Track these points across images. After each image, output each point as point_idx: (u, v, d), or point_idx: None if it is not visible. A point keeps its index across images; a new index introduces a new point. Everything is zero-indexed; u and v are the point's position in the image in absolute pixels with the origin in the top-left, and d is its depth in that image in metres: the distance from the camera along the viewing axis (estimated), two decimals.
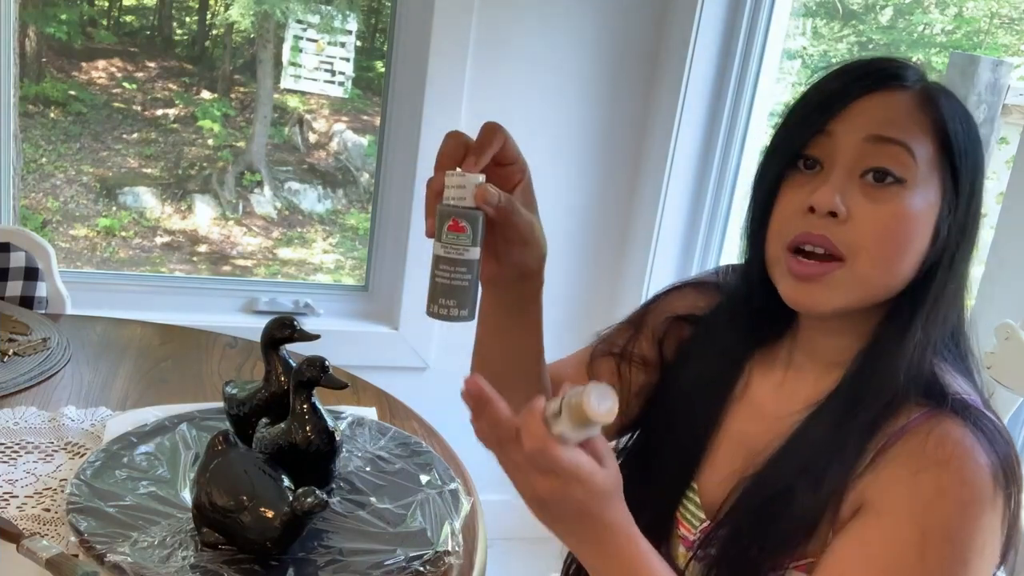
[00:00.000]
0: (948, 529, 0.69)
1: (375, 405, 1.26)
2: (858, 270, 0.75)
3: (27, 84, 2.62)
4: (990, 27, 2.04)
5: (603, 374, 0.97)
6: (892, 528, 0.71)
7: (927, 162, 0.75)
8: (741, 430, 0.87)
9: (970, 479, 0.70)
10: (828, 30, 2.32)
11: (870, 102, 0.76)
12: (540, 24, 2.07)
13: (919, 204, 0.75)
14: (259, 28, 2.76)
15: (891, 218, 0.74)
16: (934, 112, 0.76)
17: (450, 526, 0.92)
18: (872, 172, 0.75)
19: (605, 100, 2.17)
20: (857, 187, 0.75)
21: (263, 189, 2.89)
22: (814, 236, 0.75)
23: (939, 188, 0.76)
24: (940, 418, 0.73)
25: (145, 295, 2.12)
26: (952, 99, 0.78)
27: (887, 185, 0.74)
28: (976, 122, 0.79)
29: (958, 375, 0.78)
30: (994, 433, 0.73)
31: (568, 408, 0.63)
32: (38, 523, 0.90)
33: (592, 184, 2.23)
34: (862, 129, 0.75)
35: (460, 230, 0.72)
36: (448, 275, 0.72)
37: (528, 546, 1.97)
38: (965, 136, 0.76)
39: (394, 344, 2.19)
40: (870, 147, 0.75)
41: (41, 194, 2.74)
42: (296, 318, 1.03)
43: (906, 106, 0.76)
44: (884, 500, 0.72)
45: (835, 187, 0.75)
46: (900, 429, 0.74)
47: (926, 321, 0.76)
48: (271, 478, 0.86)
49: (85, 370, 1.29)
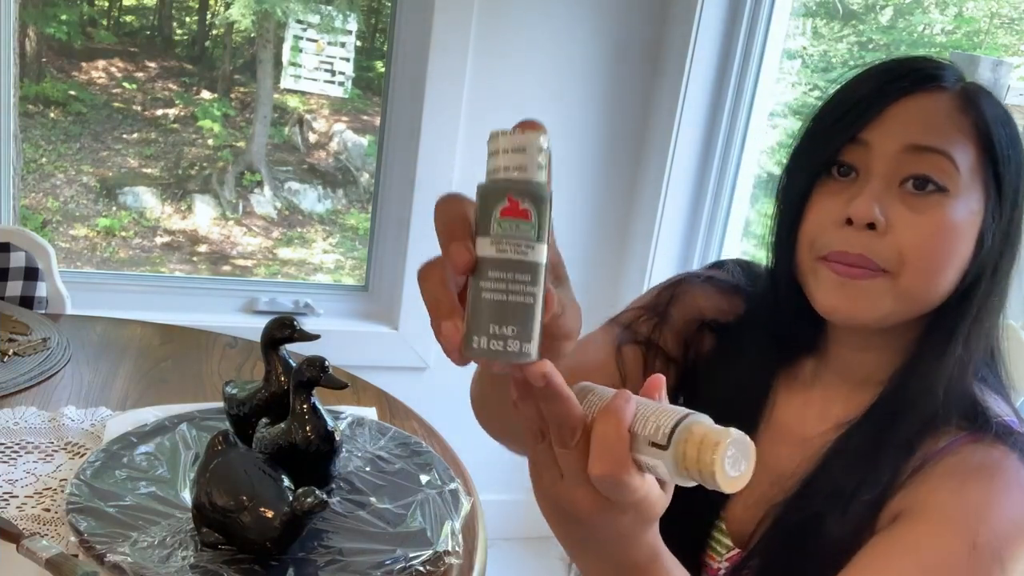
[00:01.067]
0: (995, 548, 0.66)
1: (375, 405, 1.26)
2: (902, 283, 0.71)
3: (27, 84, 2.62)
4: (990, 27, 2.04)
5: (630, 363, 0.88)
6: (942, 534, 0.68)
7: (969, 169, 0.71)
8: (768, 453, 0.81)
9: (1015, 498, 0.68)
10: (828, 30, 2.32)
11: (907, 107, 0.72)
12: (540, 24, 2.07)
13: (962, 213, 0.71)
14: (259, 28, 2.76)
15: (935, 229, 0.70)
16: (975, 115, 0.72)
17: (450, 526, 0.92)
18: (912, 180, 0.71)
19: (605, 100, 2.17)
20: (896, 196, 0.71)
21: (263, 189, 2.89)
22: (851, 256, 0.71)
23: (982, 195, 0.72)
24: (983, 442, 0.71)
25: (145, 295, 2.12)
26: (993, 100, 0.74)
27: (928, 194, 0.71)
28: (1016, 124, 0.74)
29: (996, 395, 0.75)
30: None
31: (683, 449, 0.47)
32: (38, 523, 0.90)
33: (592, 184, 2.23)
34: (900, 138, 0.71)
35: (522, 215, 0.48)
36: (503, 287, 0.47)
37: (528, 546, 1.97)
38: (1008, 140, 0.72)
39: (394, 344, 2.19)
40: (909, 157, 0.71)
41: (41, 194, 2.74)
42: (296, 318, 1.03)
43: (945, 109, 0.72)
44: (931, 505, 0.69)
45: (873, 196, 0.71)
46: (939, 450, 0.71)
47: (968, 336, 0.73)
48: (271, 478, 0.86)
49: (85, 370, 1.29)
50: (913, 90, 0.72)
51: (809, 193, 0.76)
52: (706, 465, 0.45)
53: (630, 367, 0.88)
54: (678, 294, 0.92)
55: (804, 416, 0.82)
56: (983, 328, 0.73)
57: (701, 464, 0.46)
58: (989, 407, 0.73)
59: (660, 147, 2.14)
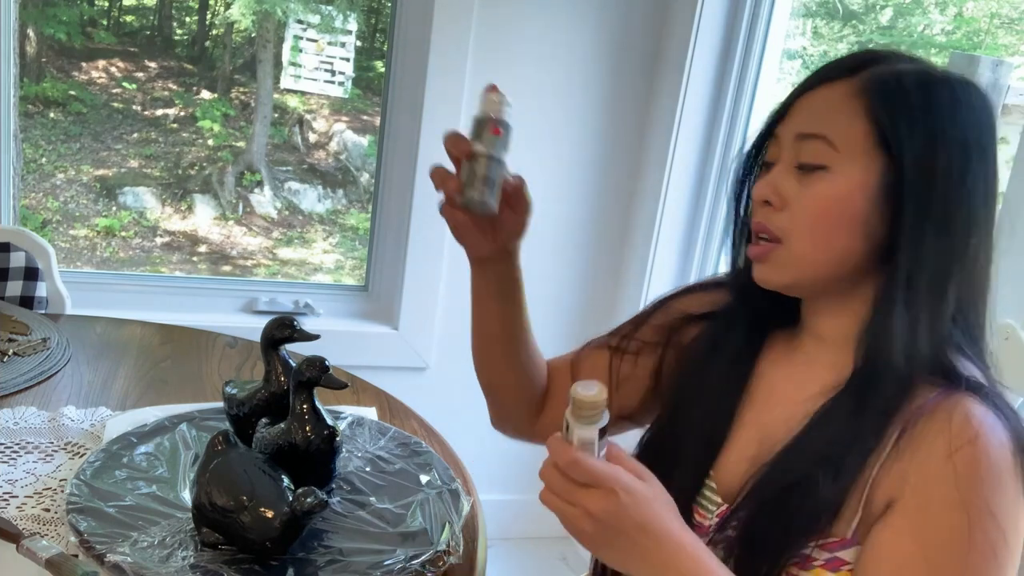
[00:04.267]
0: (988, 504, 0.71)
1: (375, 405, 1.26)
2: (794, 249, 0.82)
3: (27, 84, 2.62)
4: (990, 27, 2.04)
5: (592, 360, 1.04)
6: (941, 516, 0.72)
7: (856, 143, 0.80)
8: (757, 417, 0.89)
9: (997, 454, 0.72)
10: (828, 30, 2.32)
11: (807, 100, 0.84)
12: (540, 24, 2.08)
13: (843, 184, 0.80)
14: (259, 28, 2.76)
15: (815, 201, 0.81)
16: (867, 98, 0.80)
17: (450, 526, 0.92)
18: (799, 164, 0.83)
19: (605, 100, 2.17)
20: (794, 176, 0.83)
21: (263, 189, 2.89)
22: (756, 224, 0.85)
23: (874, 164, 0.79)
24: (958, 397, 0.75)
25: (145, 295, 2.12)
26: (898, 81, 0.80)
27: (811, 172, 0.81)
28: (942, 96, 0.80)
29: (963, 356, 0.80)
30: (1009, 411, 0.76)
31: (569, 413, 0.70)
32: (38, 523, 0.90)
33: (592, 184, 2.23)
34: (794, 128, 0.83)
35: (498, 133, 0.86)
36: (487, 169, 0.85)
37: (528, 546, 1.97)
38: (909, 115, 0.79)
39: (394, 344, 2.19)
40: (798, 144, 0.83)
41: (41, 194, 2.74)
42: (296, 318, 1.03)
43: (837, 97, 0.81)
44: (926, 490, 0.74)
45: (769, 180, 0.84)
46: (917, 409, 0.76)
47: (907, 298, 0.79)
48: (271, 478, 0.86)
49: (85, 370, 1.29)
50: (815, 85, 0.84)
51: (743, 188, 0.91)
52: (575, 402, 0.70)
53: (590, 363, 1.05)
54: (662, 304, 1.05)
55: (791, 381, 0.88)
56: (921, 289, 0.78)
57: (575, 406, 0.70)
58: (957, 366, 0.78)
59: (660, 147, 2.14)
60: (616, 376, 1.02)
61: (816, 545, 0.78)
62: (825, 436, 0.80)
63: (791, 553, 0.78)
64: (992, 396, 0.76)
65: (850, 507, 0.77)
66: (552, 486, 0.72)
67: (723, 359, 0.93)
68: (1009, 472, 0.73)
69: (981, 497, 0.72)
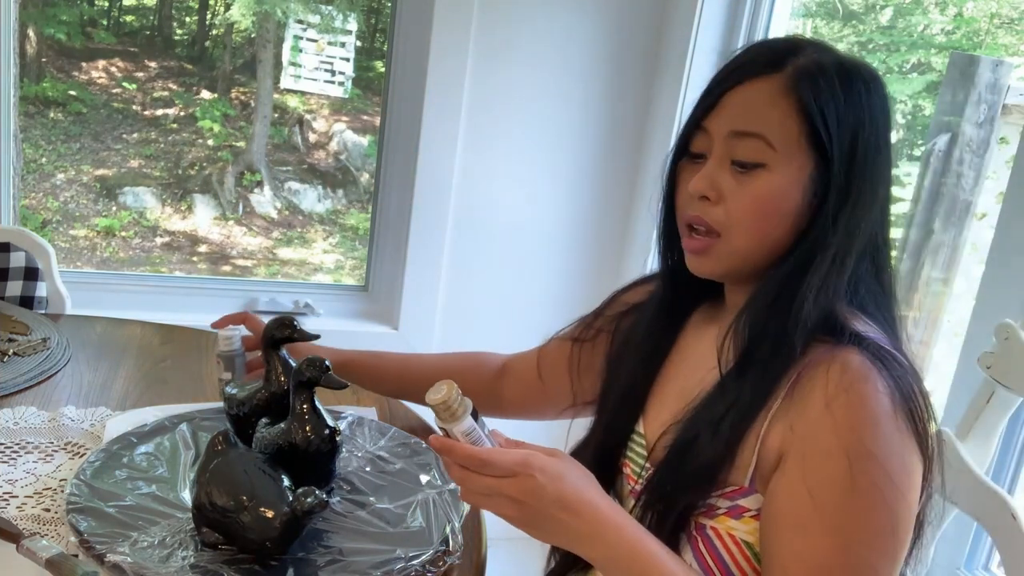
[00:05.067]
0: (865, 446, 0.76)
1: (375, 405, 1.27)
2: (733, 242, 0.86)
3: (27, 84, 2.63)
4: (990, 27, 2.04)
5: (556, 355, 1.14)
6: (825, 465, 0.77)
7: (791, 141, 0.83)
8: (680, 384, 0.95)
9: (871, 398, 0.76)
10: (828, 30, 2.32)
11: (736, 95, 0.86)
12: (540, 24, 2.07)
13: (781, 181, 0.84)
14: (259, 28, 2.76)
15: (755, 198, 0.84)
16: (797, 95, 0.83)
17: (450, 526, 0.92)
18: (734, 162, 0.85)
19: (605, 100, 2.17)
20: (728, 171, 0.86)
21: (263, 189, 2.89)
22: (693, 217, 0.88)
23: (807, 160, 0.84)
24: (839, 350, 0.80)
25: (145, 295, 2.12)
26: (823, 76, 0.84)
27: (749, 169, 0.85)
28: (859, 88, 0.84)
29: (863, 320, 0.84)
30: (889, 360, 0.79)
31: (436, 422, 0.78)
32: (38, 523, 0.90)
33: (592, 184, 2.23)
34: (727, 124, 0.86)
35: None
36: None
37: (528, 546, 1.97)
38: (836, 110, 0.83)
39: (394, 344, 2.19)
40: (733, 140, 0.85)
41: (41, 194, 2.74)
42: (296, 318, 1.03)
43: (768, 95, 0.84)
44: (809, 440, 0.78)
45: (706, 174, 0.86)
46: (805, 364, 0.81)
47: (808, 272, 0.83)
48: (271, 478, 0.86)
49: (85, 370, 1.29)
50: (745, 79, 0.86)
51: (675, 178, 0.94)
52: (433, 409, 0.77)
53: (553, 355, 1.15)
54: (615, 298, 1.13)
55: (710, 350, 0.93)
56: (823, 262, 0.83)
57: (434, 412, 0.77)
58: (850, 326, 0.82)
59: (660, 147, 2.14)
60: (577, 365, 1.11)
61: (718, 495, 0.83)
62: (713, 400, 0.86)
63: (691, 505, 0.84)
64: (873, 347, 0.79)
65: (744, 458, 0.82)
66: (471, 486, 0.77)
67: (647, 330, 1.00)
68: (887, 415, 0.76)
69: (860, 441, 0.76)
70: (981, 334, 1.29)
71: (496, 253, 2.20)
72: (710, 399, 0.87)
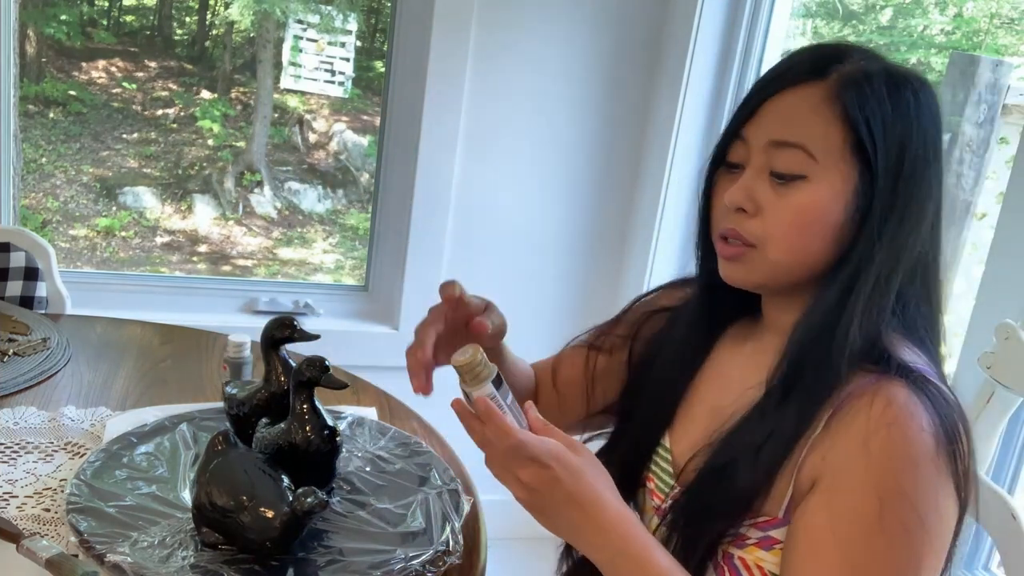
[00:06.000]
0: (900, 487, 0.73)
1: (375, 405, 1.27)
2: (769, 256, 0.83)
3: (27, 84, 2.62)
4: (990, 27, 2.04)
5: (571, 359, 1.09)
6: (853, 499, 0.74)
7: (834, 152, 0.80)
8: (712, 402, 0.92)
9: (913, 438, 0.73)
10: (828, 30, 2.32)
11: (777, 103, 0.82)
12: (540, 24, 2.07)
13: (824, 193, 0.80)
14: (259, 28, 2.76)
15: (794, 211, 0.81)
16: (843, 104, 0.79)
17: (450, 526, 0.92)
18: (773, 174, 0.82)
19: (605, 100, 2.17)
20: (767, 182, 0.82)
21: (263, 189, 2.89)
22: (728, 230, 0.85)
23: (852, 171, 0.80)
24: (884, 382, 0.76)
25: (145, 295, 2.12)
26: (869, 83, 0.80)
27: (789, 181, 0.81)
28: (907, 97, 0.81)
29: (909, 345, 0.81)
30: (936, 397, 0.76)
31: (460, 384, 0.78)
32: (38, 523, 0.90)
33: (592, 185, 2.23)
34: (766, 133, 0.82)
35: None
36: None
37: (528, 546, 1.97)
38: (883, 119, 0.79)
39: (394, 344, 2.19)
40: (772, 150, 0.82)
41: (41, 194, 2.74)
42: (296, 318, 1.03)
43: (810, 103, 0.80)
44: (841, 473, 0.75)
45: (742, 187, 0.83)
46: (848, 394, 0.77)
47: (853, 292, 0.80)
48: (271, 478, 0.86)
49: (85, 370, 1.29)
50: (786, 86, 0.82)
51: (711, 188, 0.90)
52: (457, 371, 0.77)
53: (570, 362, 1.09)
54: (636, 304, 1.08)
55: (743, 367, 0.91)
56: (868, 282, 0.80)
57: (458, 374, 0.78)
58: (896, 354, 0.79)
59: (660, 147, 2.14)
60: (592, 371, 1.06)
61: (749, 524, 0.80)
62: (752, 424, 0.82)
63: (721, 533, 0.81)
64: (921, 381, 0.76)
65: (779, 488, 0.79)
66: (491, 456, 0.77)
67: (678, 342, 0.97)
68: (928, 456, 0.73)
69: (895, 481, 0.73)
70: (981, 334, 1.29)
71: (496, 252, 2.20)
72: (748, 423, 0.83)
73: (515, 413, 0.79)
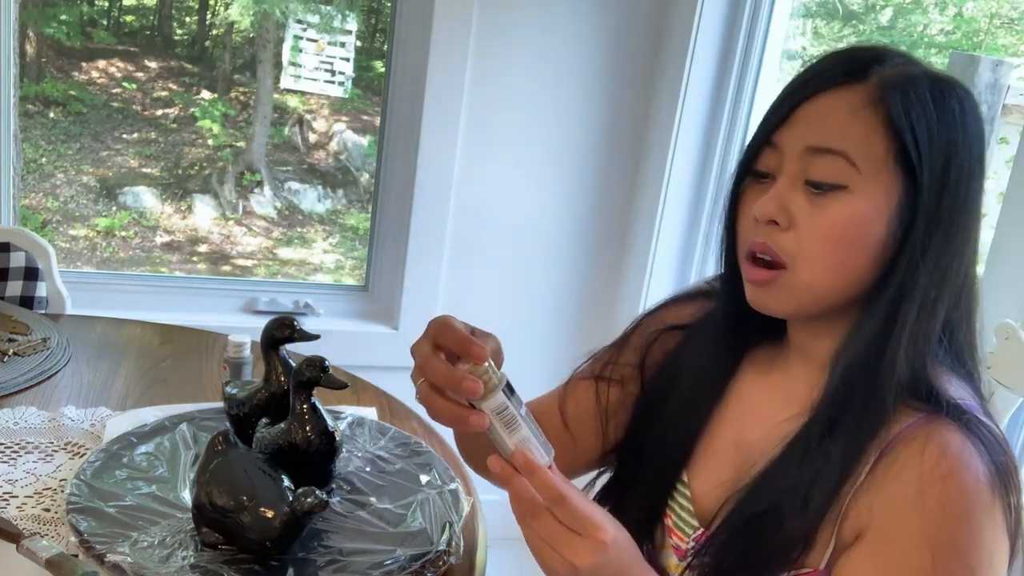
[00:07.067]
0: (955, 543, 0.68)
1: (375, 405, 1.27)
2: (801, 276, 0.75)
3: (27, 84, 2.62)
4: (990, 27, 2.04)
5: (580, 398, 0.98)
6: (904, 555, 0.70)
7: (876, 161, 0.73)
8: (736, 436, 0.86)
9: (970, 490, 0.69)
10: (828, 30, 2.32)
11: (813, 107, 0.75)
12: (540, 24, 2.07)
13: (865, 206, 0.73)
14: (259, 28, 2.76)
15: (832, 226, 0.74)
16: (886, 109, 0.73)
17: (450, 526, 0.92)
18: (809, 183, 0.75)
19: (605, 100, 2.17)
20: (801, 193, 0.75)
21: (263, 189, 2.89)
22: (758, 244, 0.77)
23: (894, 184, 0.73)
24: (936, 425, 0.71)
25: (145, 295, 2.12)
26: (911, 90, 0.74)
27: (826, 192, 0.74)
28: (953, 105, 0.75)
29: (954, 377, 0.76)
30: (991, 442, 0.71)
31: None
32: (38, 523, 0.90)
33: (592, 185, 2.23)
34: (801, 139, 0.75)
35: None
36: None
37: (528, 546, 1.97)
38: (929, 126, 0.73)
39: (394, 344, 2.19)
40: (809, 158, 0.75)
41: (41, 194, 2.74)
42: (296, 318, 1.03)
43: (851, 107, 0.74)
44: (892, 526, 0.71)
45: (775, 196, 0.76)
46: (894, 437, 0.72)
47: (898, 319, 0.74)
48: (271, 478, 0.86)
49: (85, 370, 1.29)
50: (823, 89, 0.75)
51: (738, 200, 0.82)
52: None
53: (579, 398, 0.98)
54: (644, 321, 0.99)
55: (772, 400, 0.84)
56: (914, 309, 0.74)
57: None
58: (942, 388, 0.74)
59: (660, 147, 2.14)
60: (605, 406, 0.96)
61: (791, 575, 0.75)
62: (796, 460, 0.76)
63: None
64: (974, 424, 0.71)
65: (823, 537, 0.74)
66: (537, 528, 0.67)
67: (697, 369, 0.89)
68: (983, 509, 0.69)
69: (950, 537, 0.68)
70: (981, 334, 1.29)
71: (496, 252, 2.20)
72: (786, 463, 0.77)
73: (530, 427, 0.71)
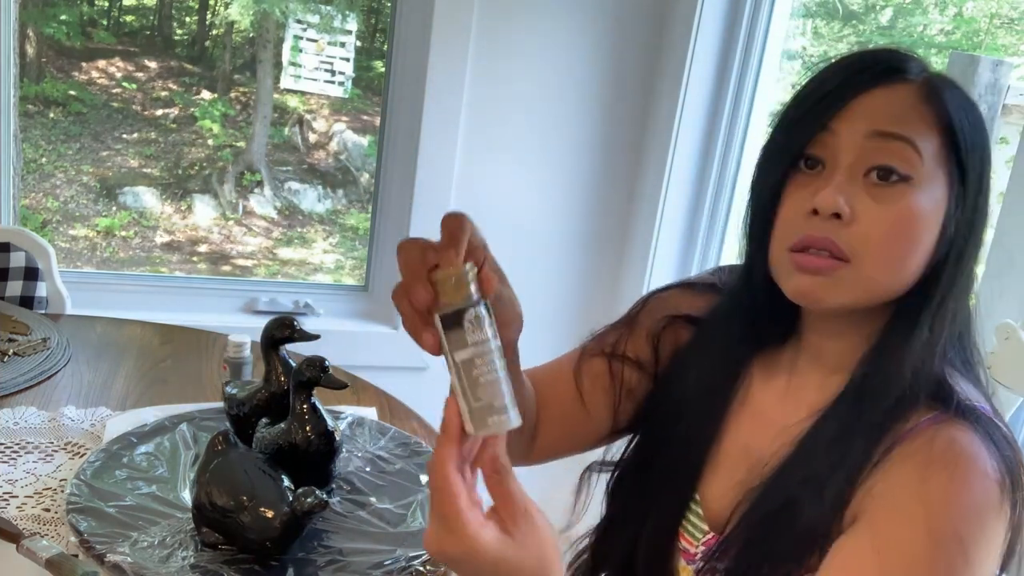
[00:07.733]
0: (958, 534, 0.68)
1: (375, 405, 1.27)
2: (864, 271, 0.73)
3: (27, 84, 2.62)
4: (990, 27, 2.04)
5: (594, 373, 0.94)
6: (903, 532, 0.69)
7: (933, 158, 0.72)
8: (745, 440, 0.85)
9: (978, 485, 0.69)
10: (828, 30, 2.32)
11: (872, 97, 0.73)
12: (540, 24, 2.07)
13: (926, 202, 0.72)
14: (259, 28, 2.76)
15: (897, 219, 0.72)
16: (938, 105, 0.73)
17: None
18: (876, 170, 0.72)
19: (605, 100, 2.17)
20: (861, 186, 0.73)
21: (263, 189, 2.89)
22: (817, 239, 0.73)
23: (946, 184, 0.73)
24: (948, 423, 0.71)
25: (145, 295, 2.12)
26: (957, 91, 0.75)
27: (892, 184, 0.72)
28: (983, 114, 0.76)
29: (965, 380, 0.76)
30: (1001, 440, 0.71)
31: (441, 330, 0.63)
32: (38, 523, 0.90)
33: (592, 185, 2.23)
34: (865, 125, 0.72)
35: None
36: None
37: None
38: (971, 129, 0.74)
39: (394, 344, 2.19)
40: (873, 144, 0.72)
41: (41, 194, 2.74)
42: (296, 318, 1.03)
43: (909, 100, 0.73)
44: (894, 504, 0.70)
45: (839, 187, 0.72)
46: (907, 431, 0.72)
47: (933, 320, 0.74)
48: (271, 478, 0.86)
49: (85, 370, 1.29)
50: (878, 82, 0.74)
51: (781, 187, 0.77)
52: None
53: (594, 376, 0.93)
54: (651, 302, 0.96)
55: (782, 403, 0.83)
56: (948, 312, 0.74)
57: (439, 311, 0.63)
58: (956, 388, 0.74)
59: (660, 147, 2.14)
60: (620, 384, 0.93)
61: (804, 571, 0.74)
62: (812, 455, 0.76)
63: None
64: (984, 421, 0.72)
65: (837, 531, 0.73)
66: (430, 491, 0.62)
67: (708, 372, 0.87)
68: (988, 504, 0.69)
69: (952, 525, 0.68)
70: (981, 334, 1.29)
71: (496, 252, 2.18)
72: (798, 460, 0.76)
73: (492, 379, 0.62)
